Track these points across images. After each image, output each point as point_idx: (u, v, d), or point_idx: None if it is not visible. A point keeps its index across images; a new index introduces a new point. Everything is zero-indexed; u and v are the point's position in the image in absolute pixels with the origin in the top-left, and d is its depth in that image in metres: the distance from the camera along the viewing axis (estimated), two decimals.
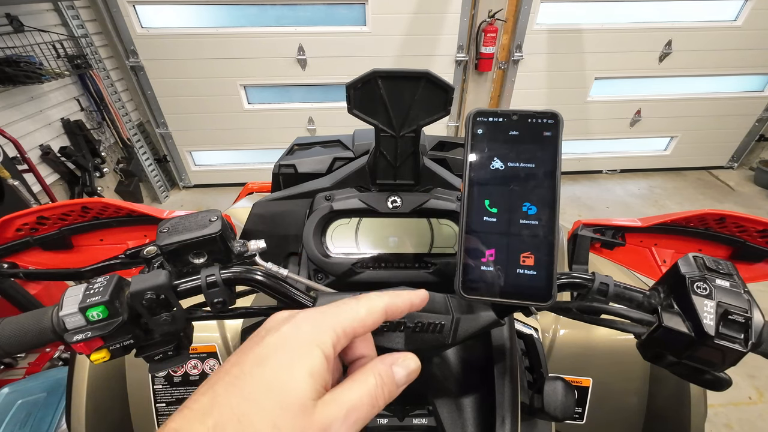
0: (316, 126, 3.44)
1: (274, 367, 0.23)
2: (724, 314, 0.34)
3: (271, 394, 0.22)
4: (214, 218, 0.41)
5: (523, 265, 0.34)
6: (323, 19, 2.96)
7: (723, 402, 1.81)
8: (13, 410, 1.10)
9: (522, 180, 0.34)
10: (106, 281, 0.36)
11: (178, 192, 3.75)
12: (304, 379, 0.23)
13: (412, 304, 0.31)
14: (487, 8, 2.88)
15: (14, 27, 2.27)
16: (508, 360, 0.49)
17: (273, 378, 0.23)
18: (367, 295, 0.29)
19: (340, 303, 0.28)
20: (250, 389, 0.22)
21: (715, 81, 3.45)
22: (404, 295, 0.31)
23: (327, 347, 0.25)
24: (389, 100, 0.49)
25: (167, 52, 3.00)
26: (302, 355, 0.24)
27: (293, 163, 0.69)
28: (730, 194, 3.56)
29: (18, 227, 0.58)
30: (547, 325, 0.74)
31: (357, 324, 0.27)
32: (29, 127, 2.40)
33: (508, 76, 3.27)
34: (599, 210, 3.37)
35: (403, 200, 0.57)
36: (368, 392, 0.25)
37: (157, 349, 0.40)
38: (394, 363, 0.28)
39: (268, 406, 0.22)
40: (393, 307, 0.29)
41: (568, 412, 0.48)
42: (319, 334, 0.25)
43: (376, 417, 0.46)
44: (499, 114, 0.35)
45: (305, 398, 0.22)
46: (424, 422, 0.50)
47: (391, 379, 0.27)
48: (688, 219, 0.60)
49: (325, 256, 0.57)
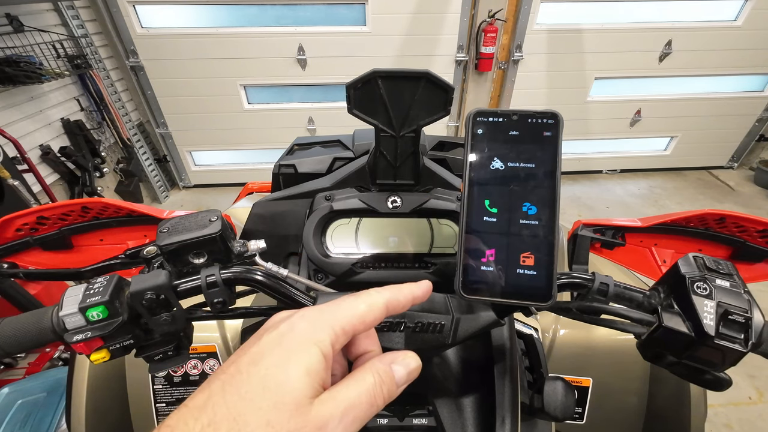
0: (316, 126, 3.44)
1: (270, 365, 0.23)
2: (724, 314, 0.34)
3: (266, 393, 0.22)
4: (214, 218, 0.41)
5: (523, 265, 0.34)
6: (323, 19, 2.96)
7: (723, 402, 1.81)
8: (13, 410, 1.10)
9: (522, 180, 0.34)
10: (106, 281, 0.36)
11: (178, 192, 3.75)
12: (300, 378, 0.23)
13: (414, 297, 0.30)
14: (487, 8, 2.88)
15: (14, 27, 2.27)
16: (508, 360, 0.49)
17: (269, 376, 0.23)
18: (367, 292, 0.29)
19: (340, 300, 0.28)
20: (246, 388, 0.22)
21: (715, 81, 3.45)
22: (405, 289, 0.30)
23: (325, 345, 0.24)
24: (389, 100, 0.49)
25: (167, 52, 3.00)
26: (299, 353, 0.24)
27: (293, 163, 0.69)
28: (730, 194, 3.56)
29: (18, 227, 0.58)
30: (547, 325, 0.74)
31: (356, 321, 0.26)
32: (29, 127, 2.40)
33: (508, 76, 3.27)
34: (599, 210, 3.37)
35: (403, 200, 0.57)
36: (366, 391, 0.25)
37: (157, 349, 0.40)
38: (394, 362, 0.27)
39: (264, 405, 0.22)
40: (394, 302, 0.29)
41: (568, 412, 0.48)
42: (317, 332, 0.25)
43: (375, 417, 0.47)
44: (499, 114, 0.35)
45: (301, 396, 0.22)
46: (424, 422, 0.49)
47: (391, 378, 0.26)
48: (688, 219, 0.60)
49: (325, 256, 0.57)
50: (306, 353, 0.24)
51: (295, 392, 0.22)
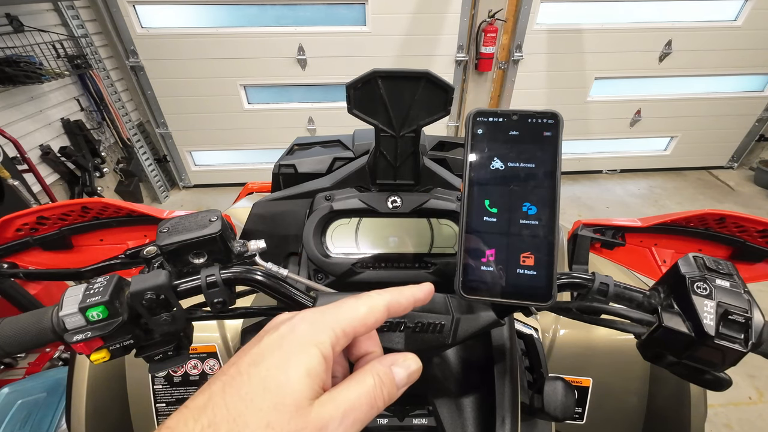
0: (316, 126, 3.44)
1: (270, 366, 0.23)
2: (724, 314, 0.34)
3: (266, 394, 0.22)
4: (214, 218, 0.41)
5: (523, 265, 0.34)
6: (323, 19, 2.96)
7: (723, 402, 1.81)
8: (13, 410, 1.10)
9: (522, 180, 0.34)
10: (106, 281, 0.36)
11: (178, 192, 3.75)
12: (301, 379, 0.23)
13: (416, 299, 0.30)
14: (487, 8, 2.88)
15: (14, 27, 2.27)
16: (508, 360, 0.49)
17: (269, 377, 0.23)
18: (368, 294, 0.29)
19: (341, 302, 0.28)
20: (246, 389, 0.22)
21: (715, 81, 3.45)
22: (407, 291, 0.30)
23: (325, 347, 0.24)
24: (389, 100, 0.49)
25: (167, 52, 3.00)
26: (299, 354, 0.24)
27: (293, 163, 0.69)
28: (730, 194, 3.56)
29: (18, 227, 0.58)
30: (547, 325, 0.74)
31: (357, 323, 0.27)
32: (29, 127, 2.40)
33: (508, 76, 3.27)
34: (599, 210, 3.37)
35: (403, 200, 0.57)
36: (366, 393, 0.25)
37: (157, 349, 0.40)
38: (394, 364, 0.27)
39: (264, 406, 0.22)
40: (395, 304, 0.29)
41: (568, 412, 0.48)
42: (317, 333, 0.25)
43: (375, 417, 0.47)
44: (499, 114, 0.35)
45: (301, 398, 0.22)
46: (424, 422, 0.50)
47: (391, 380, 0.26)
48: (688, 219, 0.60)
49: (325, 256, 0.56)
50: (306, 355, 0.24)
51: (296, 393, 0.22)
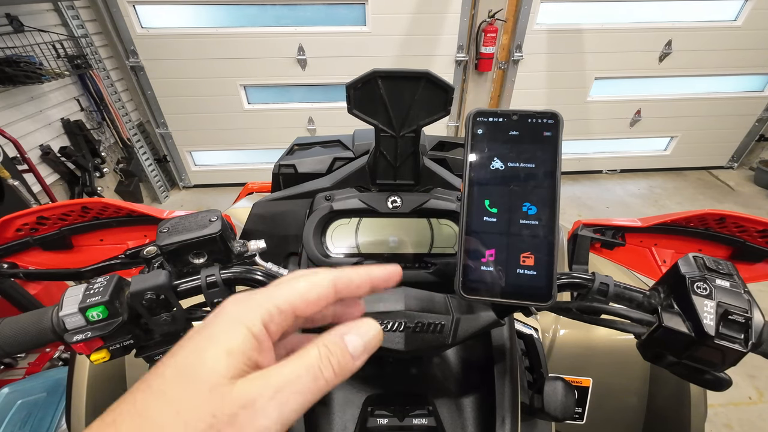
0: (316, 126, 3.44)
1: (188, 353, 0.22)
2: (724, 314, 0.34)
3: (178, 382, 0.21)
4: (214, 218, 0.41)
5: (523, 265, 0.34)
6: (323, 19, 2.96)
7: (723, 402, 1.81)
8: (13, 410, 1.10)
9: (522, 180, 0.34)
10: (106, 281, 0.36)
11: (178, 192, 3.75)
12: (218, 359, 0.21)
13: (372, 278, 0.28)
14: (487, 8, 2.88)
15: (14, 27, 2.27)
16: (508, 360, 0.49)
17: (185, 365, 0.22)
18: (313, 270, 0.27)
19: (280, 280, 0.26)
20: (159, 381, 0.21)
21: (715, 81, 3.45)
22: (362, 269, 0.28)
23: (254, 324, 0.23)
24: (389, 100, 0.49)
25: (167, 52, 3.00)
26: (220, 335, 0.22)
27: (293, 163, 0.69)
28: (730, 194, 3.56)
29: (18, 227, 0.58)
30: (547, 325, 0.74)
31: (295, 298, 0.25)
32: (29, 127, 2.39)
33: (508, 76, 3.27)
34: (599, 210, 3.37)
35: (403, 200, 0.57)
36: (308, 365, 0.23)
37: (157, 349, 0.40)
38: (347, 333, 0.25)
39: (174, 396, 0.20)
40: (345, 280, 0.27)
41: (568, 412, 0.48)
42: (246, 312, 0.24)
43: (375, 417, 0.46)
44: (499, 114, 0.35)
45: (217, 377, 0.21)
46: (424, 422, 0.49)
47: (342, 349, 0.24)
48: (688, 219, 0.60)
49: (325, 256, 0.56)
50: (228, 334, 0.22)
51: (211, 374, 0.21)
